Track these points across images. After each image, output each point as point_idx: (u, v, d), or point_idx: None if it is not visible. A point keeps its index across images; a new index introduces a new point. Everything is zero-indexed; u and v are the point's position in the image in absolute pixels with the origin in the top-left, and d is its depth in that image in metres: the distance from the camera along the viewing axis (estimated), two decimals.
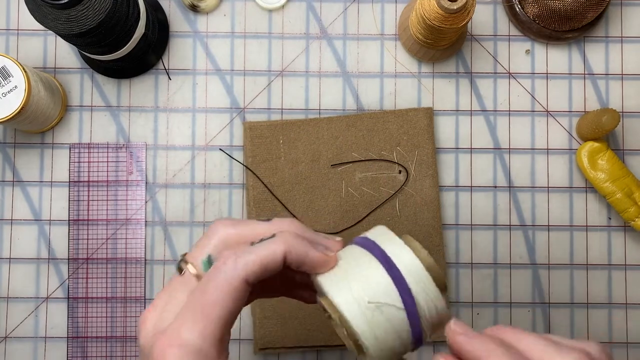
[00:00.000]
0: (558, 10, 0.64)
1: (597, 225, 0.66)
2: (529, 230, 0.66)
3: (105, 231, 0.65)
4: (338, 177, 0.64)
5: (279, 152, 0.64)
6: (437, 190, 0.64)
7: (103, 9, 0.52)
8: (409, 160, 0.64)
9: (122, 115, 0.66)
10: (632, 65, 0.67)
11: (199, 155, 0.66)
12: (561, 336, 0.39)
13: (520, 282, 0.65)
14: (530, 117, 0.66)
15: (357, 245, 0.42)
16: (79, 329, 0.64)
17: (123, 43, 0.59)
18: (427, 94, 0.66)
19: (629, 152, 0.66)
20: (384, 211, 0.64)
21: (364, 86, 0.66)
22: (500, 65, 0.67)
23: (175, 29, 0.67)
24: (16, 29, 0.67)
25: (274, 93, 0.66)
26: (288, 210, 0.64)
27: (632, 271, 0.66)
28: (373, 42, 0.67)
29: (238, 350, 0.64)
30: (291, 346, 0.63)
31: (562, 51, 0.67)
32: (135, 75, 0.66)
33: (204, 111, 0.66)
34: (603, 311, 0.65)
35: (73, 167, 0.65)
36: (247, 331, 0.65)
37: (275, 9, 0.67)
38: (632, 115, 0.67)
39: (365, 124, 0.65)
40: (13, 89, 0.57)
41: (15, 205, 0.65)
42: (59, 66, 0.66)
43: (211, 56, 0.66)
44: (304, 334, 0.63)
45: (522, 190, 0.66)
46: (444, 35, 0.61)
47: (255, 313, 0.64)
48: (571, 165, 0.66)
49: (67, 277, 0.64)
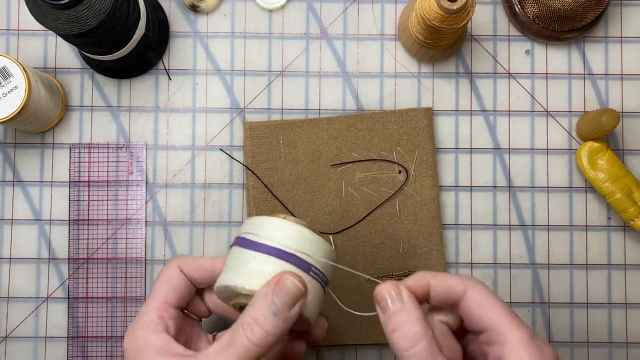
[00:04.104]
0: (558, 11, 0.64)
1: (596, 225, 0.66)
2: (528, 230, 0.66)
3: (105, 231, 0.65)
4: (338, 177, 0.64)
5: (279, 152, 0.64)
6: (436, 190, 0.65)
7: (103, 9, 0.52)
8: (408, 160, 0.64)
9: (122, 115, 0.66)
10: (631, 65, 0.67)
11: (199, 155, 0.66)
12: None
13: (520, 282, 0.65)
14: (530, 117, 0.66)
15: (234, 247, 0.48)
16: (79, 329, 0.64)
17: (123, 43, 0.59)
18: (427, 94, 0.66)
19: (629, 152, 0.66)
20: (384, 211, 0.64)
21: (363, 86, 0.66)
22: (500, 65, 0.67)
23: (175, 29, 0.67)
24: (16, 29, 0.67)
25: (274, 93, 0.66)
26: (288, 210, 0.64)
27: (631, 271, 0.66)
28: (373, 42, 0.67)
29: None
30: None
31: (561, 51, 0.67)
32: (136, 76, 0.66)
33: (204, 111, 0.66)
34: (603, 311, 0.65)
35: (73, 167, 0.65)
36: None
37: (275, 9, 0.67)
38: (632, 115, 0.67)
39: (365, 124, 0.65)
40: (13, 89, 0.57)
41: (16, 205, 0.65)
42: (59, 66, 0.66)
43: (211, 56, 0.66)
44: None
45: (521, 190, 0.66)
46: (444, 36, 0.61)
47: None
48: (571, 165, 0.66)
49: (68, 277, 0.64)
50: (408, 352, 0.41)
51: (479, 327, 0.43)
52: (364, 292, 0.63)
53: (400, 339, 0.42)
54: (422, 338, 0.42)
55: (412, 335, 0.42)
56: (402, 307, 0.43)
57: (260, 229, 0.47)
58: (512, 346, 0.41)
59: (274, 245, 0.46)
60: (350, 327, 0.63)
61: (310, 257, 0.46)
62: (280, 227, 0.46)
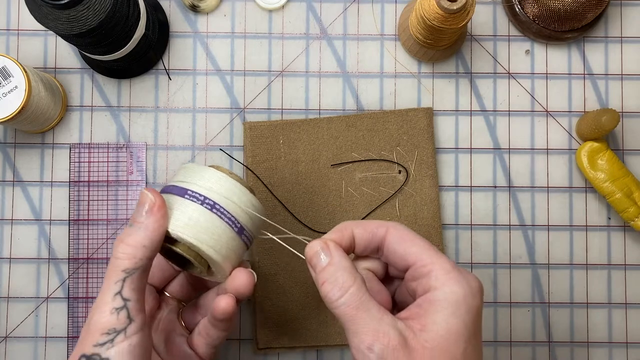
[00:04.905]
0: (558, 11, 0.64)
1: (596, 225, 0.66)
2: (528, 230, 0.66)
3: (105, 231, 0.65)
4: (338, 177, 0.64)
5: (279, 152, 0.64)
6: (436, 190, 0.65)
7: (103, 9, 0.52)
8: (408, 160, 0.64)
9: (123, 115, 0.66)
10: (631, 65, 0.67)
11: (199, 155, 0.66)
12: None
13: (520, 282, 0.65)
14: (530, 117, 0.66)
15: (164, 194, 0.49)
16: (79, 329, 0.64)
17: (123, 43, 0.59)
18: (427, 94, 0.66)
19: (629, 152, 0.66)
20: (384, 211, 0.64)
21: (364, 86, 0.66)
22: (500, 65, 0.67)
23: (175, 29, 0.67)
24: (16, 29, 0.67)
25: (274, 93, 0.66)
26: (288, 210, 0.64)
27: (631, 271, 0.66)
28: (373, 42, 0.67)
29: (238, 350, 0.64)
30: (291, 346, 0.64)
31: (561, 51, 0.67)
32: (136, 76, 0.66)
33: (204, 111, 0.66)
34: (603, 311, 0.65)
35: (73, 167, 0.65)
36: (247, 331, 0.65)
37: (275, 9, 0.67)
38: (632, 115, 0.67)
39: (365, 124, 0.65)
40: (13, 89, 0.57)
41: (16, 205, 0.65)
42: (59, 66, 0.66)
43: (211, 56, 0.66)
44: (304, 334, 0.63)
45: (521, 190, 0.66)
46: (444, 36, 0.61)
47: (255, 313, 0.64)
48: (571, 165, 0.66)
49: (68, 277, 0.64)
50: (338, 302, 0.42)
51: (403, 263, 0.44)
52: None
53: (329, 290, 0.43)
54: (350, 285, 0.42)
55: (340, 284, 0.42)
56: (331, 260, 0.44)
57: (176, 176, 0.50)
58: (437, 275, 0.42)
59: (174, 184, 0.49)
60: None
61: (189, 184, 0.48)
62: (188, 168, 0.50)
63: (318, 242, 0.45)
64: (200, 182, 0.48)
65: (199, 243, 0.47)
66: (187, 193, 0.48)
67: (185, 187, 0.48)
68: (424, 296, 0.42)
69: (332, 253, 0.44)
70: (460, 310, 0.41)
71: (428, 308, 0.42)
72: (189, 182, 0.48)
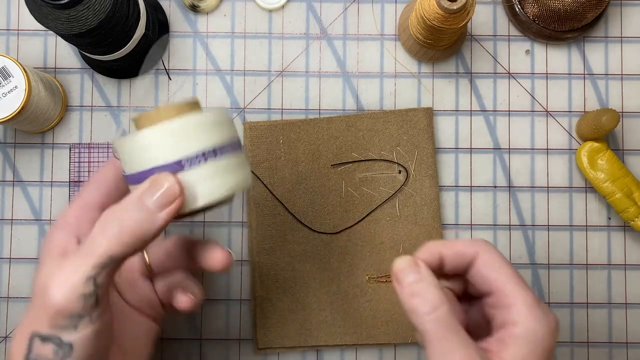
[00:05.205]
0: (558, 11, 0.64)
1: (596, 225, 0.66)
2: (528, 230, 0.66)
3: None
4: (338, 177, 0.64)
5: (279, 152, 0.64)
6: (436, 190, 0.65)
7: (103, 9, 0.53)
8: (408, 160, 0.64)
9: (122, 115, 0.66)
10: (631, 65, 0.67)
11: None
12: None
13: None
14: (530, 117, 0.66)
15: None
16: None
17: (123, 43, 0.59)
18: (427, 94, 0.66)
19: (629, 152, 0.66)
20: (384, 211, 0.64)
21: (364, 86, 0.66)
22: (500, 65, 0.67)
23: (175, 29, 0.67)
24: (16, 29, 0.67)
25: (274, 93, 0.66)
26: (288, 210, 0.64)
27: (631, 271, 0.66)
28: (373, 42, 0.67)
29: (238, 350, 0.64)
30: (291, 346, 0.64)
31: (561, 51, 0.67)
32: (136, 75, 0.66)
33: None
34: (603, 311, 0.65)
35: (73, 167, 0.65)
36: (247, 331, 0.65)
37: (275, 9, 0.67)
38: (632, 115, 0.67)
39: (365, 124, 0.65)
40: (13, 89, 0.57)
41: (16, 205, 0.65)
42: (59, 66, 0.66)
43: (211, 56, 0.66)
44: (304, 334, 0.63)
45: (521, 190, 0.66)
46: (444, 36, 0.61)
47: (255, 313, 0.64)
48: (571, 165, 0.66)
49: None
50: (429, 317, 0.42)
51: (488, 289, 0.44)
52: (367, 292, 0.63)
53: (420, 303, 0.42)
54: (442, 303, 0.42)
55: (432, 300, 0.42)
56: (420, 277, 0.44)
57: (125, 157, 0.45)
58: (519, 309, 0.42)
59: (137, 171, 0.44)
60: (350, 327, 0.63)
61: (175, 154, 0.43)
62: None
63: (408, 258, 0.45)
64: (181, 145, 0.43)
65: (232, 190, 0.44)
66: (181, 163, 0.43)
67: (176, 159, 0.43)
68: (504, 330, 0.43)
69: (421, 270, 0.44)
70: (537, 350, 0.42)
71: (508, 343, 0.42)
72: (173, 152, 0.43)
